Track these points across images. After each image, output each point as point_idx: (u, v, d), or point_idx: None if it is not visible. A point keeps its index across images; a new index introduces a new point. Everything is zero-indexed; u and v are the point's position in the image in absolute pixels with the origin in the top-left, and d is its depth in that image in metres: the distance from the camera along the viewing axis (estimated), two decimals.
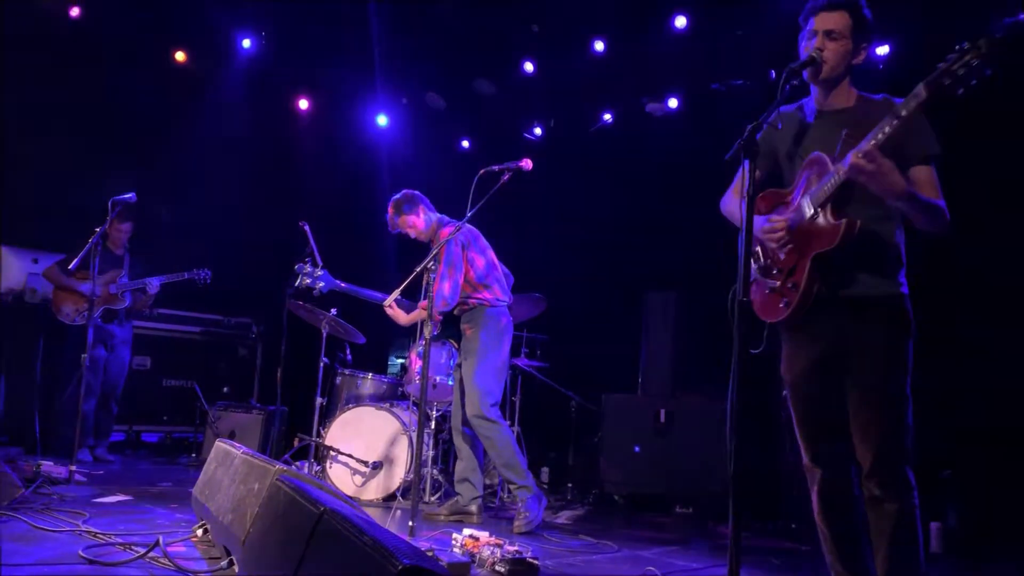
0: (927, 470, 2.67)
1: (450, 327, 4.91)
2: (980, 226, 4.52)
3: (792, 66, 2.60)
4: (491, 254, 4.94)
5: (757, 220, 2.69)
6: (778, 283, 2.70)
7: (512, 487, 4.60)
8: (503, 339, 4.78)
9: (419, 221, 4.93)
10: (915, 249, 2.74)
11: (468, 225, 4.87)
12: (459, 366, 4.84)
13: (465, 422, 4.76)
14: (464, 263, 4.73)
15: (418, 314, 4.76)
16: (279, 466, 2.79)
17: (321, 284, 4.94)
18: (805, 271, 2.61)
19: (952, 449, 4.81)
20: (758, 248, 2.77)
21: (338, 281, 5.00)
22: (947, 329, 4.54)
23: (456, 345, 4.92)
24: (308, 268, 4.96)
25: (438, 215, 5.01)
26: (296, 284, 4.98)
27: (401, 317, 4.79)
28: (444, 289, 4.61)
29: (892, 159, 2.52)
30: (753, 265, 2.80)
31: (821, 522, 2.72)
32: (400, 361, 9.05)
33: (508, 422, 4.74)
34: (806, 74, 2.68)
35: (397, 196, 4.99)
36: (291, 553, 2.03)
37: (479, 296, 4.76)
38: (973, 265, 4.92)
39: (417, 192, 5.01)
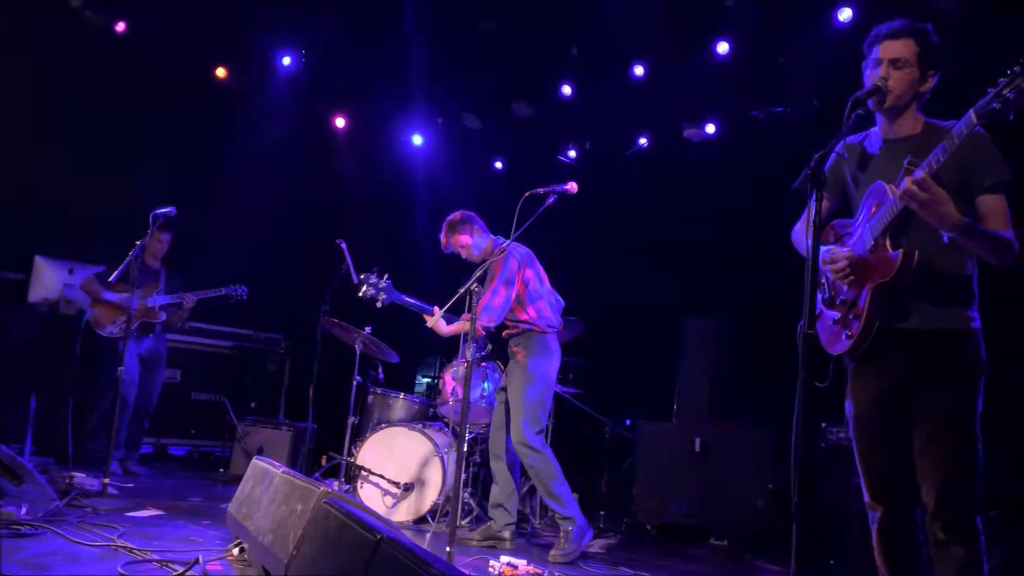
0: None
1: (497, 348, 4.84)
2: None
3: (857, 95, 2.55)
4: (545, 277, 4.87)
5: (820, 251, 2.63)
6: (840, 314, 2.64)
7: (557, 517, 4.53)
8: (551, 366, 4.71)
9: (470, 241, 4.87)
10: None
11: (523, 246, 4.83)
12: (503, 389, 4.79)
13: (504, 447, 4.70)
14: (519, 282, 4.66)
15: (460, 326, 4.66)
16: (324, 487, 2.75)
17: (384, 296, 4.86)
18: (865, 302, 2.55)
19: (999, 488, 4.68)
20: (823, 279, 2.71)
21: (401, 294, 4.91)
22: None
23: (502, 367, 4.85)
24: (374, 279, 4.87)
25: (493, 236, 4.94)
26: (360, 294, 4.87)
27: (442, 328, 4.71)
28: (494, 303, 4.53)
29: (959, 188, 2.47)
30: (818, 296, 2.74)
31: (881, 562, 2.64)
32: (426, 381, 9.02)
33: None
34: (871, 103, 2.63)
35: (452, 216, 4.94)
36: None
37: (529, 320, 4.68)
38: None
39: (472, 213, 4.96)
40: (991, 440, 2.57)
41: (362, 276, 4.92)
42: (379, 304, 4.90)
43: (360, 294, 4.88)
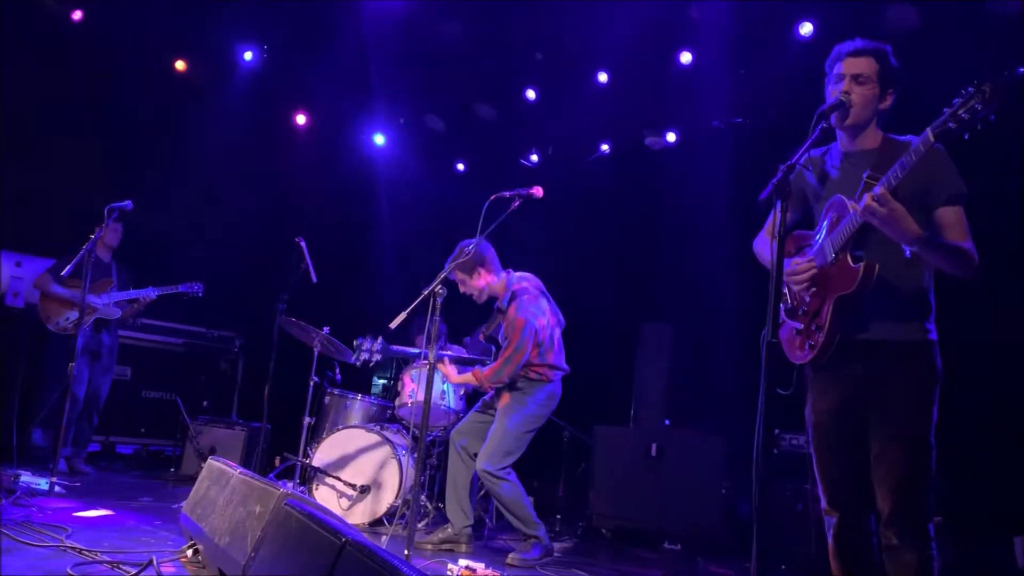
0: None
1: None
2: None
3: (821, 109, 2.61)
4: (553, 310, 4.83)
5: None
6: (803, 325, 2.69)
7: (523, 534, 4.55)
8: (545, 413, 4.69)
9: (482, 284, 4.75)
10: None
11: (534, 279, 4.82)
12: (488, 404, 4.79)
13: (466, 448, 4.71)
14: (533, 342, 4.57)
15: (468, 378, 4.66)
16: (283, 489, 2.71)
17: (378, 356, 4.92)
18: (828, 314, 2.60)
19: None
20: (785, 290, 2.76)
21: (394, 347, 4.98)
22: None
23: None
24: (367, 344, 4.90)
25: (505, 274, 4.79)
26: (354, 360, 4.95)
27: (452, 376, 4.76)
28: (504, 372, 4.52)
29: (918, 202, 2.53)
30: (781, 306, 2.78)
31: (836, 567, 2.69)
32: (382, 382, 8.94)
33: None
34: (833, 118, 2.68)
35: (462, 255, 4.48)
36: None
37: (539, 370, 4.63)
38: None
39: (483, 251, 4.67)
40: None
41: (355, 342, 4.93)
42: (371, 363, 5.05)
43: (354, 360, 4.97)
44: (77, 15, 6.63)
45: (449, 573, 3.58)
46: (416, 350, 4.93)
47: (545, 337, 4.66)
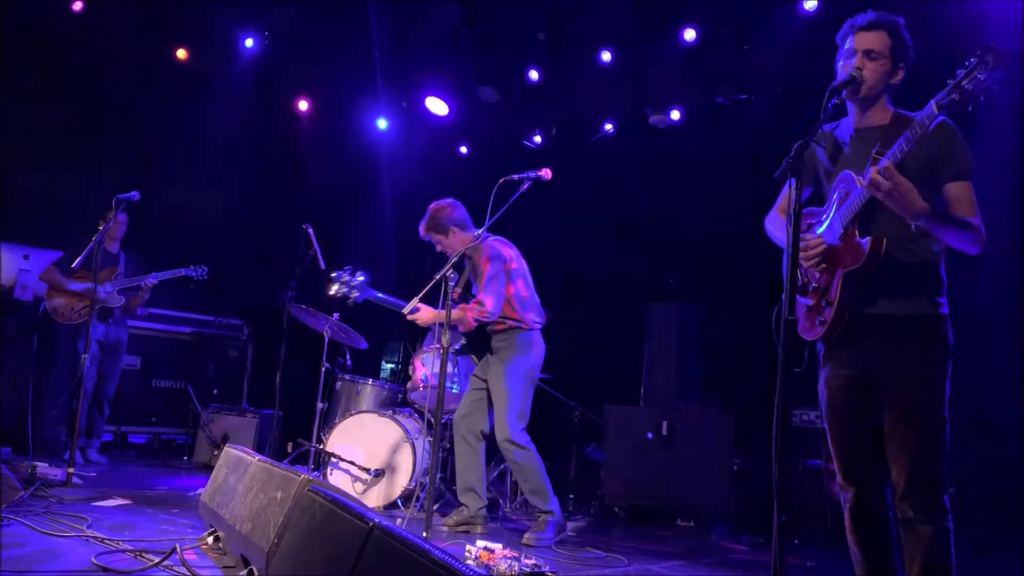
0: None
1: (472, 343, 4.81)
2: None
3: (833, 85, 2.60)
4: (528, 273, 4.84)
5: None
6: (813, 301, 2.70)
7: (537, 511, 4.56)
8: (535, 363, 4.70)
9: (444, 239, 4.79)
10: None
11: (508, 242, 4.79)
12: (478, 378, 4.79)
13: (471, 430, 4.72)
14: (506, 279, 4.61)
15: (455, 314, 4.57)
16: (305, 475, 2.74)
17: (357, 294, 4.73)
18: (837, 289, 2.61)
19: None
20: None
21: (375, 291, 4.77)
22: None
23: (476, 359, 4.81)
24: (346, 276, 4.72)
25: (473, 231, 4.79)
26: (332, 292, 4.72)
27: (426, 314, 4.59)
28: (487, 303, 4.51)
29: (927, 177, 2.54)
30: None
31: (852, 541, 2.71)
32: (390, 367, 8.98)
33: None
34: (845, 93, 2.68)
35: (433, 206, 4.80)
36: (337, 568, 1.98)
37: (515, 317, 4.64)
38: None
39: (453, 207, 4.81)
40: None
41: (333, 274, 4.75)
42: (350, 303, 4.79)
43: (331, 292, 4.73)
44: (78, 6, 6.59)
45: (467, 554, 3.61)
46: (400, 301, 4.68)
47: (519, 277, 4.68)
